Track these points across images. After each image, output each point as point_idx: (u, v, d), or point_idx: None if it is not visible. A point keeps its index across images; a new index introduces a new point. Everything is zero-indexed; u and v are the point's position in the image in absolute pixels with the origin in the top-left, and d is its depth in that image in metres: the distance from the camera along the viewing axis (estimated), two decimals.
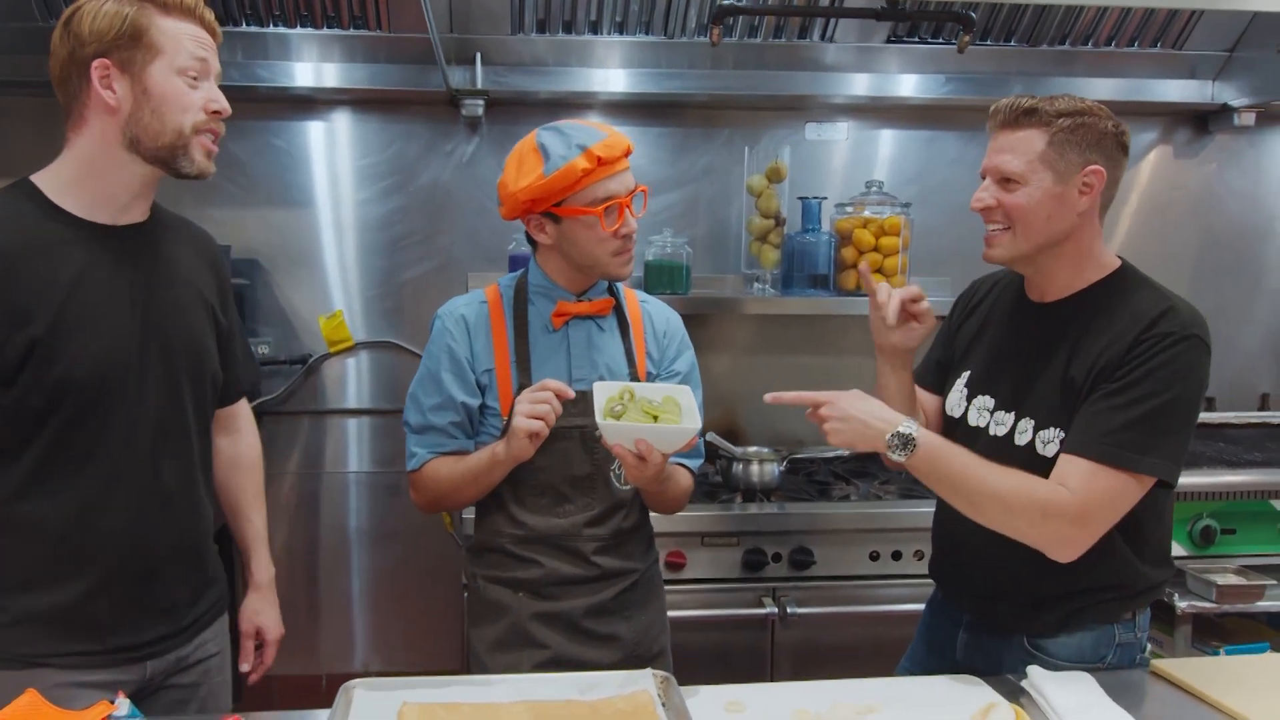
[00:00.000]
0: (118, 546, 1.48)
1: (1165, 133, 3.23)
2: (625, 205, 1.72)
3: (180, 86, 1.44)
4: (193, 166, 1.48)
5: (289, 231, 3.00)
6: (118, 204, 1.50)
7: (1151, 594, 1.66)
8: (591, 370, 1.80)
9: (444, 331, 1.80)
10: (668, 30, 2.86)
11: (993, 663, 1.68)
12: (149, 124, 1.44)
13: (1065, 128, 1.56)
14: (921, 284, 2.86)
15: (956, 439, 1.74)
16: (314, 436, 3.09)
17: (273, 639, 1.78)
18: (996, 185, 1.61)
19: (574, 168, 1.66)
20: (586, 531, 1.78)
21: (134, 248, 1.52)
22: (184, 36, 1.45)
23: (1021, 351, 1.68)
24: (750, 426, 3.16)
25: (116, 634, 1.50)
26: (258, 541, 1.80)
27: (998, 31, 2.91)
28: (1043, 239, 1.60)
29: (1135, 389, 1.50)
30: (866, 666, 1.71)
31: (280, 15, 2.75)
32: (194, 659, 1.62)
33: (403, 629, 3.13)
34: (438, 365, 1.79)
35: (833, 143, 3.16)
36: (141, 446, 1.49)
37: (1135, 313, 1.56)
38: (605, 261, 1.75)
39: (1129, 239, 3.24)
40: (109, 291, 1.47)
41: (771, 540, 2.55)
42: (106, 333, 1.45)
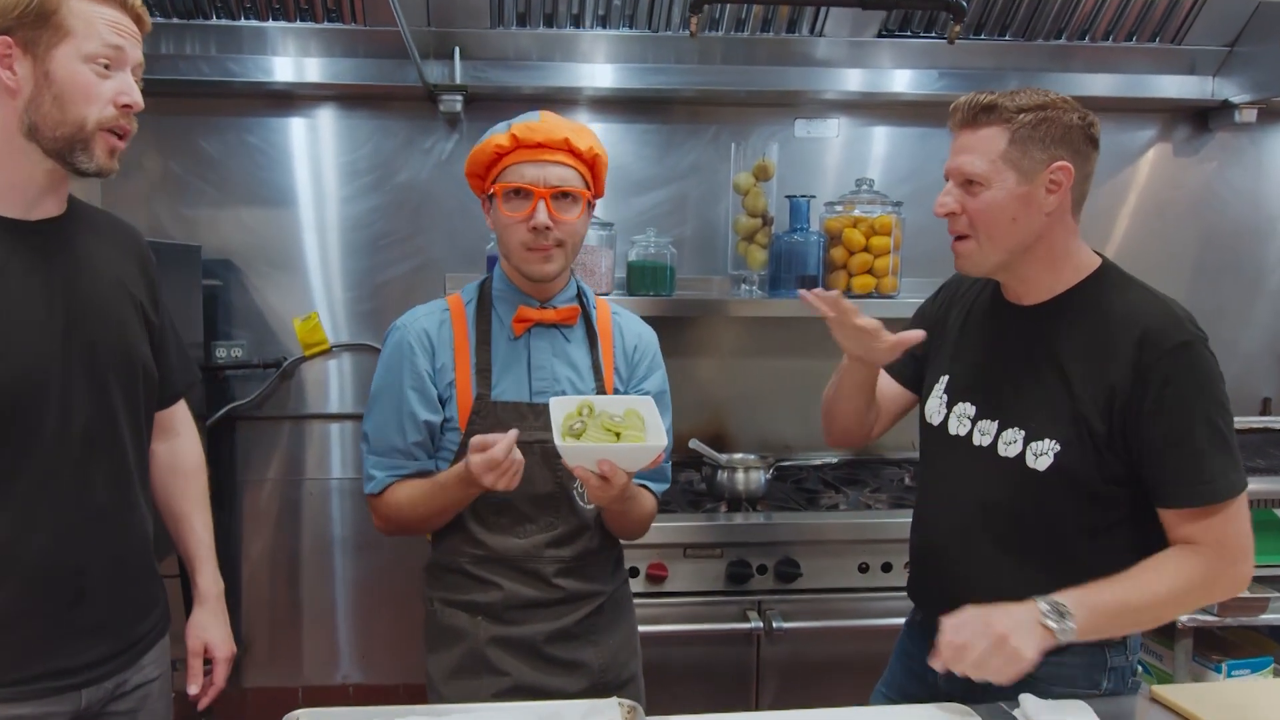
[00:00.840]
0: (46, 565, 1.38)
1: (1164, 130, 3.16)
2: (541, 197, 1.61)
3: (87, 75, 1.33)
4: (91, 164, 1.37)
5: (263, 231, 2.93)
6: (26, 197, 1.39)
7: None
8: (554, 383, 1.71)
9: (404, 345, 1.71)
10: (652, 24, 2.78)
11: (976, 689, 1.59)
12: (48, 112, 1.33)
13: (1028, 123, 1.48)
14: (914, 285, 2.85)
15: (937, 448, 1.67)
16: (293, 442, 3.01)
17: (222, 657, 1.65)
18: (959, 188, 1.53)
19: (490, 143, 1.62)
20: (548, 553, 1.70)
21: (49, 244, 1.40)
22: (99, 21, 1.34)
23: (1004, 357, 1.60)
24: (737, 432, 3.08)
25: (48, 658, 1.40)
26: (203, 551, 1.68)
27: (992, 25, 2.84)
28: (1011, 243, 1.52)
29: (1181, 416, 1.43)
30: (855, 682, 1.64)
31: (252, 8, 2.67)
32: (132, 684, 1.52)
33: (386, 641, 3.06)
34: (399, 380, 1.70)
35: (823, 140, 3.08)
36: (69, 457, 1.39)
37: (1130, 319, 1.48)
38: (517, 253, 1.66)
39: (1127, 239, 3.16)
40: (22, 292, 1.36)
41: (757, 551, 2.46)
42: (21, 336, 1.35)
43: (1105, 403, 1.47)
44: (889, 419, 1.83)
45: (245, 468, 2.99)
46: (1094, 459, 1.49)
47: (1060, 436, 1.50)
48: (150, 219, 2.85)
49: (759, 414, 3.07)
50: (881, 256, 2.78)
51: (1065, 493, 1.51)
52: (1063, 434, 1.50)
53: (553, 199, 1.62)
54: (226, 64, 2.75)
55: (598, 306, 1.81)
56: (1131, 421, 1.46)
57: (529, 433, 1.65)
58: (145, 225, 2.83)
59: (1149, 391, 1.44)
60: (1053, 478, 1.51)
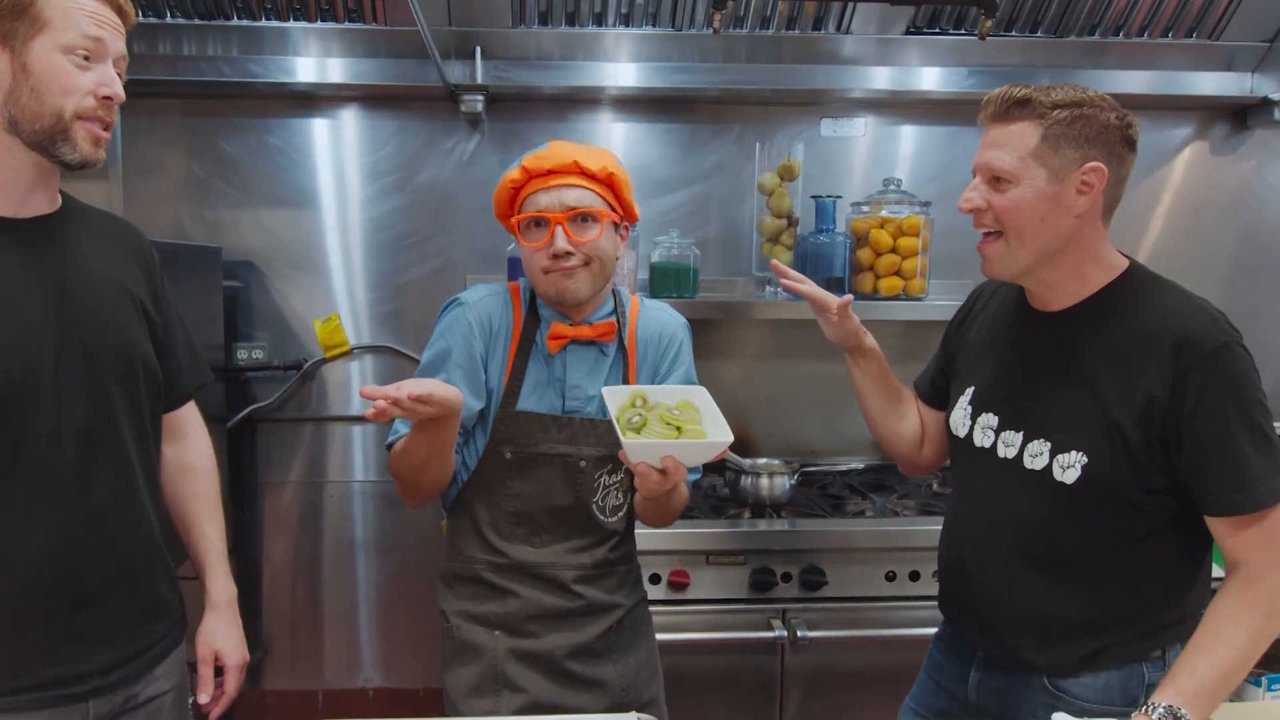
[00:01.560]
0: (45, 571, 1.36)
1: (1201, 128, 3.08)
2: (558, 222, 1.60)
3: (65, 66, 1.31)
4: (75, 154, 1.34)
5: (284, 232, 2.91)
6: (14, 194, 1.37)
7: (1183, 627, 1.49)
8: (587, 403, 1.68)
9: (463, 322, 1.67)
10: (675, 22, 2.74)
11: (1009, 705, 1.56)
12: (27, 104, 1.31)
13: (1061, 120, 1.42)
14: (943, 287, 2.80)
15: (963, 460, 1.63)
16: (315, 444, 3.00)
17: (234, 665, 1.62)
18: (986, 184, 1.48)
19: (505, 180, 1.64)
20: (567, 560, 1.67)
21: (40, 242, 1.38)
22: (78, 12, 1.31)
23: (1028, 366, 1.55)
24: (761, 437, 3.03)
25: (52, 666, 1.37)
26: (214, 556, 1.65)
27: (1023, 22, 2.78)
28: (1039, 245, 1.47)
29: (1223, 421, 1.38)
30: (882, 694, 1.60)
31: (273, 9, 2.66)
32: (144, 697, 1.49)
33: (407, 644, 3.05)
34: (449, 352, 1.66)
35: (850, 139, 3.03)
36: (65, 456, 1.36)
37: (1164, 323, 1.42)
38: (537, 278, 1.65)
39: (1162, 240, 3.09)
40: (12, 290, 1.33)
41: (781, 559, 2.42)
42: (10, 335, 1.32)
43: (1142, 410, 1.41)
44: (938, 441, 1.79)
45: (266, 469, 2.98)
46: (1127, 469, 1.43)
47: (1088, 448, 1.45)
48: (172, 220, 2.85)
49: (784, 418, 3.03)
50: (909, 258, 2.72)
51: (1095, 505, 1.46)
52: (1090, 445, 1.45)
53: (569, 222, 1.61)
54: (248, 65, 2.73)
55: (631, 310, 1.78)
56: (1172, 429, 1.40)
57: (550, 445, 1.64)
58: (167, 227, 2.84)
59: (1188, 397, 1.38)
60: (1081, 490, 1.46)
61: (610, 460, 1.68)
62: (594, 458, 1.67)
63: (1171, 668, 1.38)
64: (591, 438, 1.67)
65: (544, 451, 1.61)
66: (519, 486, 1.63)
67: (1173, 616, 1.50)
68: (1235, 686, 1.41)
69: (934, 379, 1.78)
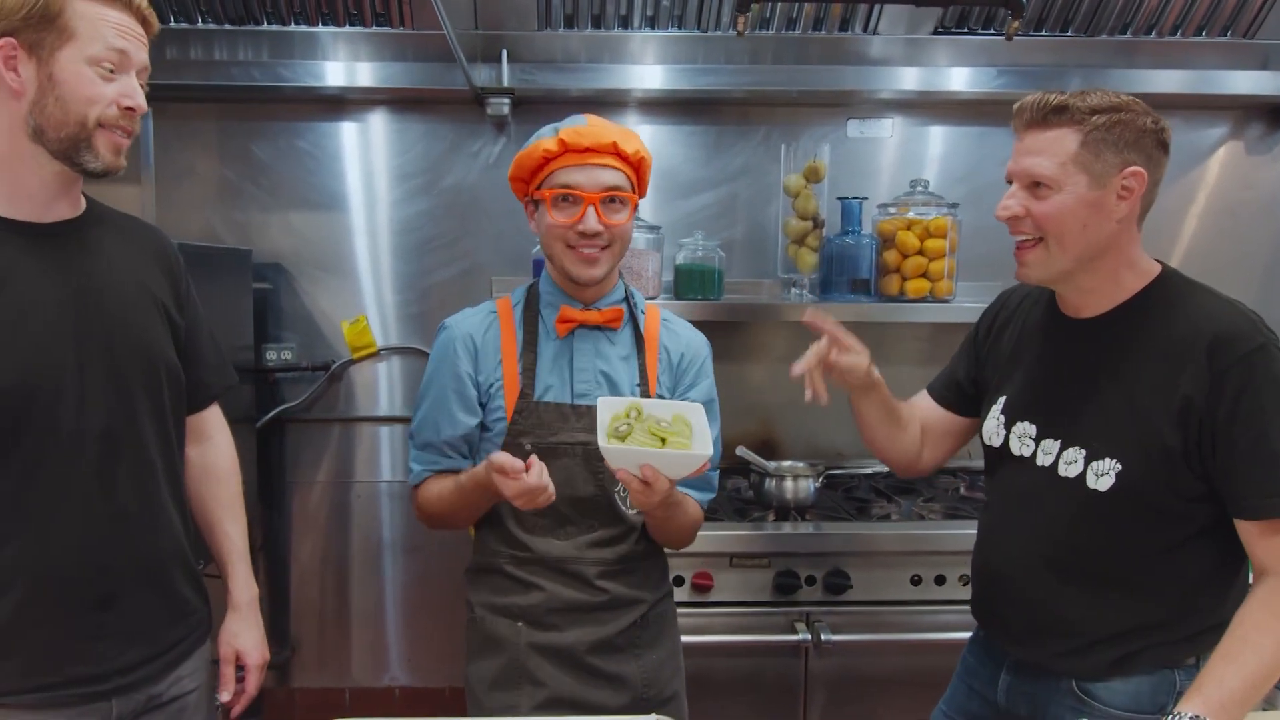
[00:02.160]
0: (68, 570, 1.38)
1: (1236, 128, 3.03)
2: (591, 202, 1.61)
3: (90, 76, 1.33)
4: (98, 162, 1.37)
5: (313, 235, 2.95)
6: (37, 200, 1.39)
7: (1217, 634, 1.45)
8: (595, 385, 1.69)
9: (449, 346, 1.72)
10: (701, 24, 2.74)
11: (1038, 708, 1.54)
12: (52, 113, 1.33)
13: (1100, 125, 1.41)
14: (970, 289, 2.77)
15: (1000, 469, 1.61)
16: (343, 444, 3.03)
17: (254, 664, 1.64)
18: (1025, 191, 1.47)
19: (536, 147, 1.62)
20: (590, 554, 1.68)
21: (64, 246, 1.41)
22: (103, 23, 1.34)
23: (1063, 373, 1.54)
24: (786, 439, 3.03)
25: (75, 664, 1.39)
26: (236, 557, 1.67)
27: (1053, 21, 2.75)
28: (1080, 251, 1.45)
29: (1259, 423, 1.36)
30: (907, 699, 1.59)
31: (302, 14, 2.68)
32: (168, 696, 1.51)
33: (433, 644, 3.07)
34: (443, 380, 1.71)
35: (876, 140, 3.01)
36: (88, 458, 1.39)
37: (1198, 326, 1.41)
38: (560, 254, 1.65)
39: (1196, 242, 3.05)
40: (35, 294, 1.36)
41: (805, 562, 2.41)
42: (34, 339, 1.35)
43: (1179, 415, 1.40)
44: (941, 446, 1.77)
45: (294, 469, 3.01)
46: (1164, 476, 1.42)
47: (1122, 456, 1.43)
48: (203, 223, 2.89)
49: (809, 420, 3.01)
50: (936, 260, 2.70)
51: (1130, 513, 1.45)
52: (1125, 453, 1.43)
53: (601, 203, 1.62)
54: (278, 70, 2.77)
55: (647, 312, 1.79)
56: (1208, 431, 1.39)
57: (570, 434, 1.65)
58: (198, 230, 2.88)
59: (1224, 398, 1.37)
60: (1116, 498, 1.44)
61: None
62: None
63: (1198, 676, 1.36)
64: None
65: (564, 440, 1.62)
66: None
67: (1208, 623, 1.47)
68: (1263, 695, 1.38)
69: (959, 383, 1.75)
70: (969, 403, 1.74)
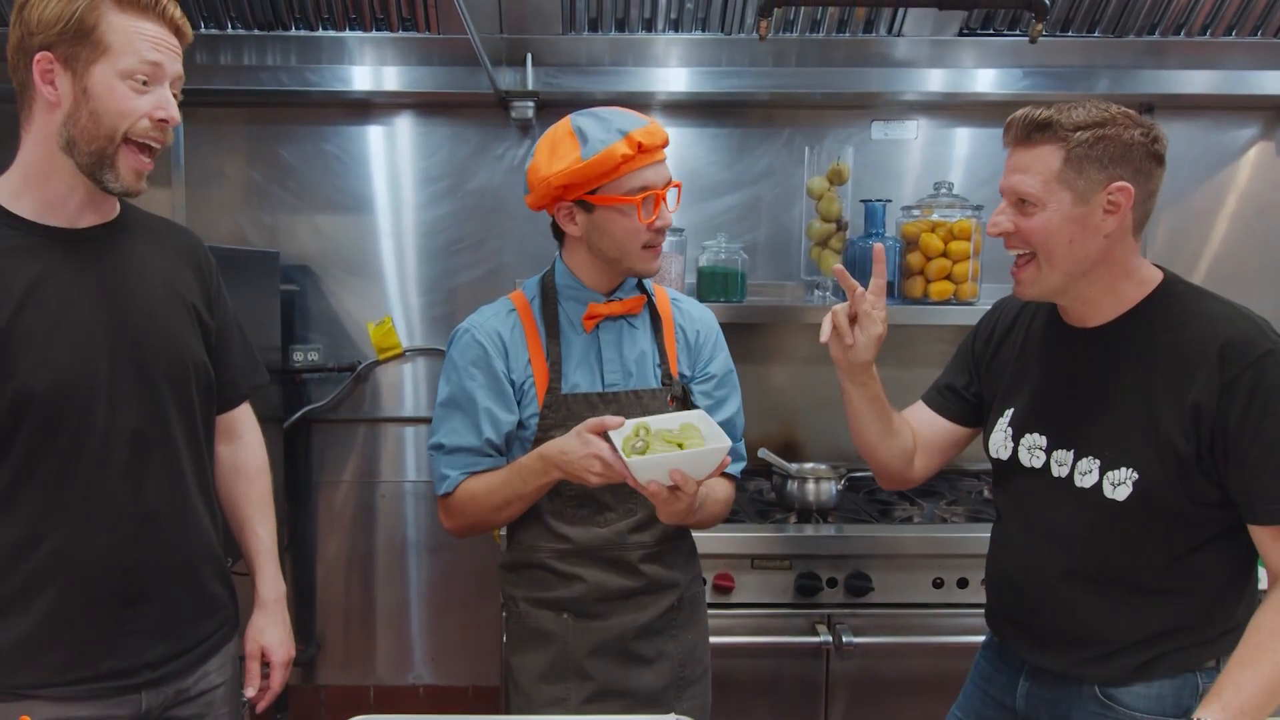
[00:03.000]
0: (100, 568, 1.41)
1: (1266, 128, 3.00)
2: (661, 197, 1.65)
3: (123, 91, 1.35)
4: (118, 183, 1.39)
5: (339, 237, 2.98)
6: (69, 207, 1.41)
7: (1237, 635, 1.45)
8: (623, 374, 1.73)
9: (475, 346, 1.71)
10: (725, 27, 2.75)
11: (1058, 713, 1.54)
12: (85, 126, 1.35)
13: (1084, 142, 1.40)
14: (995, 291, 2.75)
15: (1010, 480, 1.61)
16: (368, 445, 3.06)
17: (279, 660, 1.66)
18: (1013, 208, 1.47)
19: (613, 152, 1.58)
20: (631, 539, 1.70)
21: (96, 251, 1.43)
22: (137, 36, 1.35)
23: (1071, 384, 1.53)
24: (808, 441, 3.03)
25: (106, 659, 1.42)
26: (263, 555, 1.69)
27: (1080, 21, 2.73)
28: (1069, 266, 1.45)
29: (1271, 429, 1.36)
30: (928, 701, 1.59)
31: (330, 19, 2.72)
32: (196, 690, 1.54)
33: (457, 643, 3.09)
34: (470, 382, 1.70)
35: (901, 142, 3.00)
36: (119, 458, 1.41)
37: (1207, 332, 1.41)
38: (634, 255, 1.67)
39: (1225, 244, 3.01)
40: (68, 299, 1.39)
41: (827, 564, 2.41)
42: (67, 342, 1.38)
43: (1191, 421, 1.40)
44: (934, 455, 1.75)
45: (321, 469, 3.05)
46: (1179, 483, 1.41)
47: (1138, 464, 1.43)
48: (232, 226, 2.93)
49: (832, 423, 3.00)
50: (960, 262, 2.69)
51: (1148, 521, 1.45)
52: (1141, 461, 1.43)
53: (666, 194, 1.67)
54: (305, 74, 2.80)
55: (657, 294, 1.82)
56: (1219, 437, 1.39)
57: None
58: (227, 232, 2.92)
59: (1234, 405, 1.37)
60: (1133, 507, 1.44)
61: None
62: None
63: (1215, 682, 1.36)
64: (638, 410, 1.69)
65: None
66: None
67: (1227, 626, 1.47)
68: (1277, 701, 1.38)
69: (958, 392, 1.74)
70: (969, 412, 1.73)
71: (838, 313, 1.57)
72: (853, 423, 1.69)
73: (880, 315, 1.56)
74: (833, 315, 1.57)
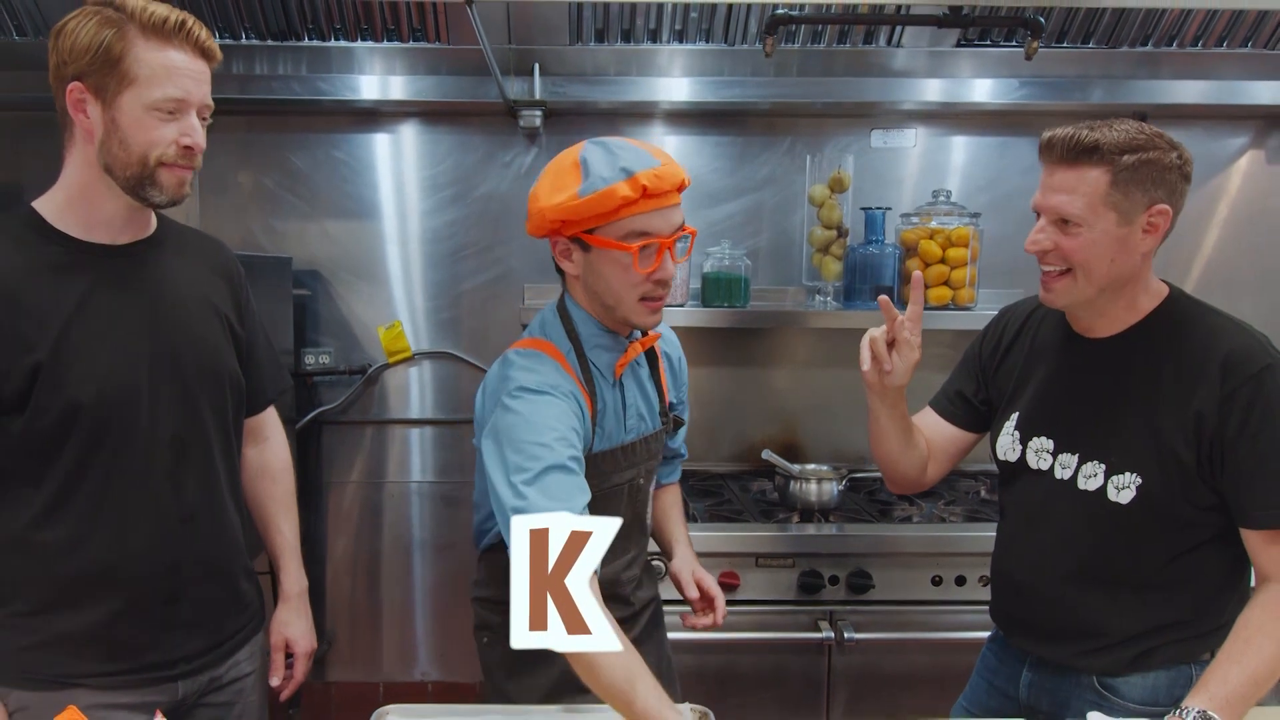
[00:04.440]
0: (143, 568, 1.48)
1: (1257, 138, 3.06)
2: (666, 247, 1.50)
3: (149, 122, 1.39)
4: (162, 196, 1.44)
5: (349, 242, 3.03)
6: (112, 226, 1.48)
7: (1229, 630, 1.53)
8: (639, 420, 1.71)
9: (567, 402, 1.52)
10: (728, 38, 2.80)
11: (1059, 703, 1.60)
12: (117, 153, 1.40)
13: (1129, 165, 1.44)
14: (992, 297, 2.82)
15: (1016, 482, 1.67)
16: (375, 446, 3.11)
17: (303, 652, 1.74)
18: (1053, 226, 1.50)
19: (612, 194, 1.44)
20: (625, 574, 1.75)
21: (137, 265, 1.50)
22: (162, 68, 1.38)
23: (1079, 390, 1.59)
24: (810, 443, 3.08)
25: (147, 652, 1.50)
26: (288, 552, 1.78)
27: (1074, 33, 2.79)
28: (1105, 281, 1.50)
29: (1269, 439, 1.43)
30: (927, 696, 1.63)
31: (342, 29, 2.77)
32: (227, 679, 1.62)
33: (462, 639, 3.12)
34: (564, 417, 1.50)
35: (900, 150, 3.06)
36: (160, 466, 1.48)
37: (1210, 346, 1.48)
38: (630, 307, 1.54)
39: (1217, 252, 3.07)
40: (113, 312, 1.46)
41: (829, 562, 2.46)
42: (112, 354, 1.45)
43: (1193, 431, 1.46)
44: (944, 461, 1.81)
45: (330, 470, 3.10)
46: (1180, 489, 1.49)
47: (1142, 469, 1.50)
48: (244, 232, 2.98)
49: (833, 425, 3.07)
50: (958, 268, 2.75)
51: (1150, 524, 1.51)
52: (1145, 466, 1.50)
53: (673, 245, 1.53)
54: (316, 83, 2.86)
55: None
56: (1217, 445, 1.45)
57: (619, 475, 1.67)
58: (239, 238, 2.97)
59: (1233, 416, 1.44)
60: (1136, 510, 1.51)
61: (653, 472, 1.78)
62: (647, 472, 1.74)
63: (1203, 675, 1.43)
64: (645, 454, 1.71)
65: (615, 483, 1.64)
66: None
67: (1220, 621, 1.53)
68: (1265, 693, 1.44)
69: (967, 398, 1.79)
70: (978, 418, 1.78)
71: (876, 340, 1.58)
72: (877, 438, 1.72)
73: (917, 341, 1.57)
74: (870, 343, 1.58)
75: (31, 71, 2.79)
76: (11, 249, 1.42)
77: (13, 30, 2.66)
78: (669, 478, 1.97)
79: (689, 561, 1.87)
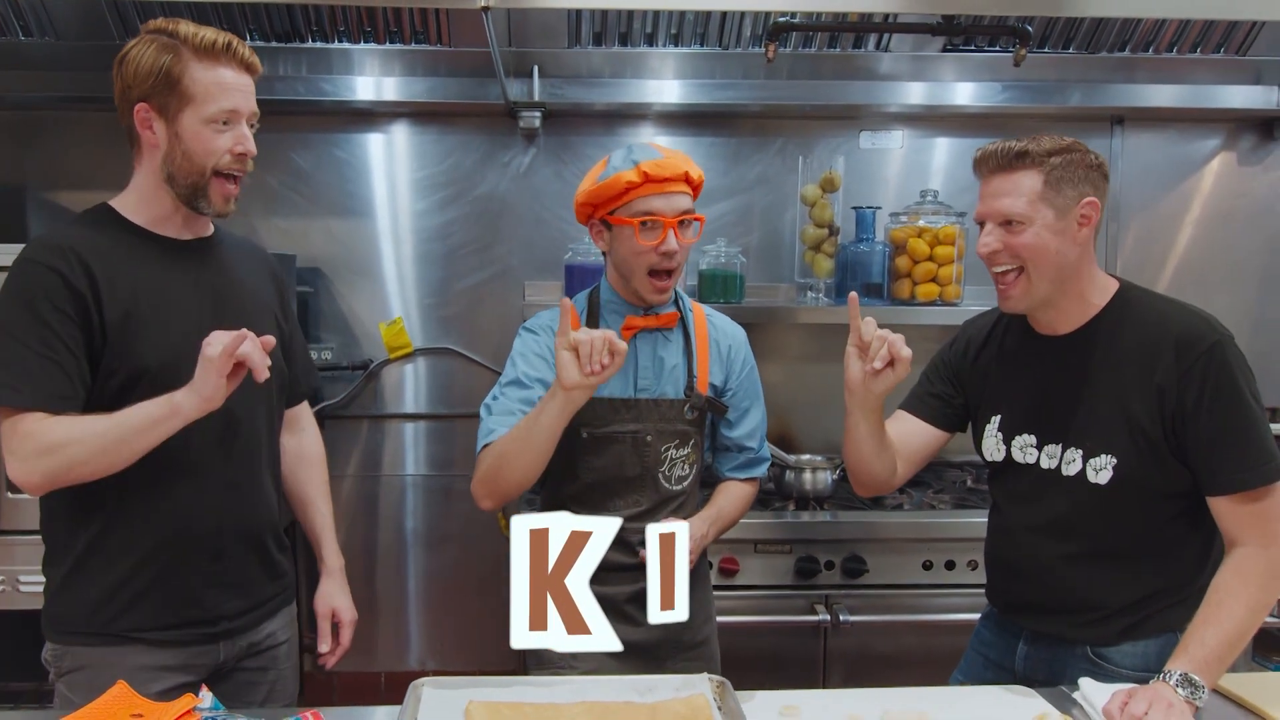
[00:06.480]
0: (191, 528, 1.60)
1: (1229, 140, 3.18)
2: (669, 225, 1.77)
3: (207, 134, 1.56)
4: (211, 208, 1.61)
5: (351, 241, 3.09)
6: (175, 223, 1.65)
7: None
8: (655, 380, 1.87)
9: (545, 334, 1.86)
10: (722, 41, 2.88)
11: (1055, 673, 1.69)
12: (180, 164, 1.57)
13: (1058, 165, 1.61)
14: (977, 293, 2.92)
15: (1004, 476, 1.78)
16: (373, 440, 3.17)
17: (347, 621, 1.88)
18: (1000, 229, 1.64)
19: (619, 179, 1.75)
20: (631, 525, 1.79)
21: (201, 258, 1.67)
22: (214, 86, 1.55)
23: (1050, 386, 1.71)
24: (803, 434, 3.17)
25: (192, 607, 1.61)
26: (326, 530, 1.92)
27: (1055, 39, 2.89)
28: (1054, 274, 1.63)
29: (1226, 409, 1.55)
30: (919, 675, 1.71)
31: (345, 31, 2.82)
32: (264, 645, 1.74)
33: (458, 630, 3.20)
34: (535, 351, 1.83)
35: (887, 151, 3.16)
36: (211, 434, 1.59)
37: (1162, 328, 1.60)
38: (640, 279, 1.81)
39: (1191, 248, 3.19)
40: (177, 294, 1.61)
41: (824, 548, 2.55)
42: (176, 327, 1.57)
43: (1157, 408, 1.58)
44: (916, 461, 1.86)
45: (331, 464, 3.12)
46: (1154, 465, 1.60)
47: (1116, 451, 1.61)
48: (248, 230, 3.01)
49: (825, 417, 3.15)
50: (945, 265, 2.85)
51: (1128, 500, 1.63)
52: (1118, 448, 1.61)
53: (678, 225, 1.79)
54: (319, 84, 2.92)
55: (693, 310, 1.96)
56: (1179, 420, 1.57)
57: (621, 424, 1.83)
58: (244, 235, 3.01)
59: (1190, 390, 1.56)
60: (1115, 489, 1.62)
61: (676, 436, 1.87)
62: (658, 432, 1.86)
63: (1182, 639, 1.53)
64: (655, 415, 1.86)
65: (615, 429, 1.81)
66: (595, 461, 1.84)
67: (1201, 586, 1.62)
68: (1239, 653, 1.55)
69: (944, 399, 1.86)
70: (956, 418, 1.87)
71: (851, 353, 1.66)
72: (852, 445, 1.76)
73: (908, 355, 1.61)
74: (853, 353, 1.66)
75: (37, 71, 2.85)
76: (91, 231, 1.58)
77: (18, 30, 2.70)
78: (736, 472, 2.02)
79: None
